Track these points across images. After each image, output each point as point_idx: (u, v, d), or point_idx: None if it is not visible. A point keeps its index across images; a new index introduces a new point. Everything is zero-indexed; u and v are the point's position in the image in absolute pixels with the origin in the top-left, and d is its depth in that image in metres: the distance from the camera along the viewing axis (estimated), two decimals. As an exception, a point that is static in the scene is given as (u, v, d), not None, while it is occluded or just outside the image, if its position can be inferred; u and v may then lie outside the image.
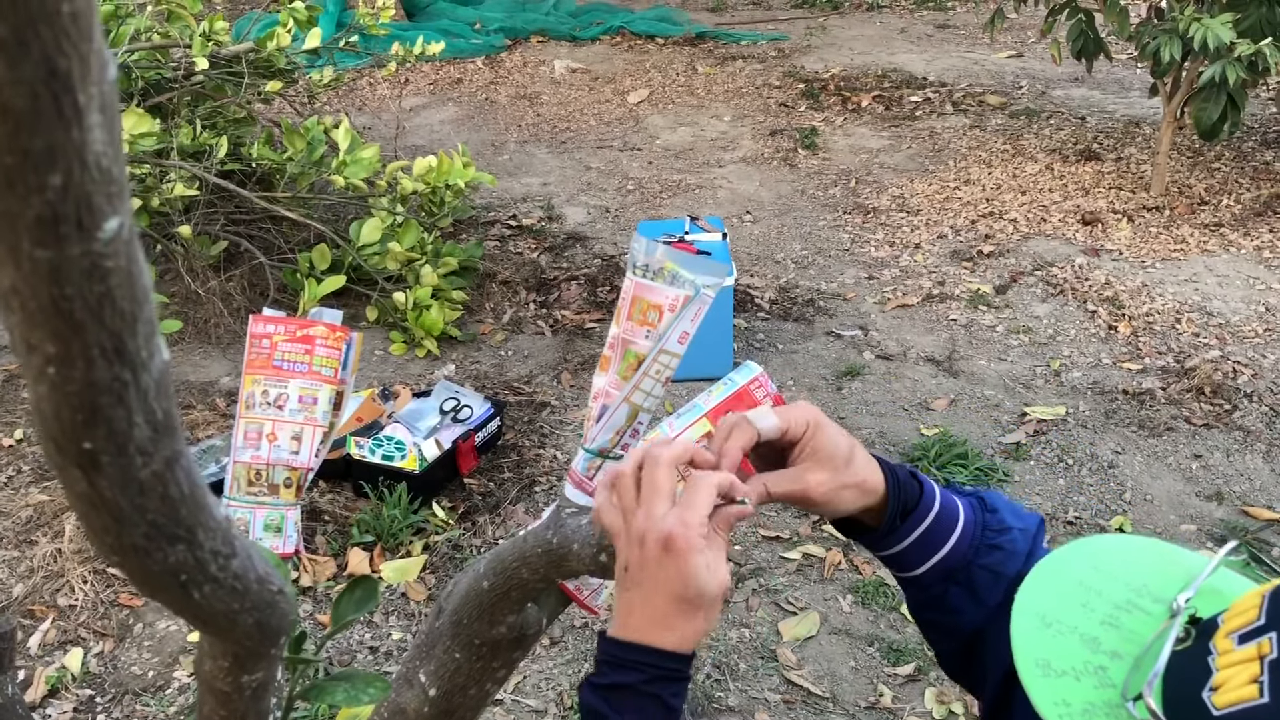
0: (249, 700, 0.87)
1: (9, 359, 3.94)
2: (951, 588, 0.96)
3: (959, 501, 0.98)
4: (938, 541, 0.96)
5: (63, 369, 0.45)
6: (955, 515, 0.97)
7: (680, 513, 0.85)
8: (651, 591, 0.85)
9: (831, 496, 0.93)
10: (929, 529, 0.96)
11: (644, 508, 0.87)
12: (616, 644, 0.86)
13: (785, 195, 5.48)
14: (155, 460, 0.52)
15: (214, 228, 4.09)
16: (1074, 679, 0.73)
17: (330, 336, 1.78)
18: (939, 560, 0.96)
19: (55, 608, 2.74)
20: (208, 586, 0.63)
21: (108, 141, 0.39)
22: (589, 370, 3.89)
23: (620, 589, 0.88)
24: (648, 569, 0.85)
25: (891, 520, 0.95)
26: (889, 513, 0.95)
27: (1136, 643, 0.73)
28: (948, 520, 0.96)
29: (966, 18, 8.67)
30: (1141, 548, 0.83)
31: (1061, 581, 0.80)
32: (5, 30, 0.33)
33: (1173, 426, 3.53)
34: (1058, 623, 0.76)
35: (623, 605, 0.88)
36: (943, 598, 0.97)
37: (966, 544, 0.96)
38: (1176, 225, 4.90)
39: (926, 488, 0.97)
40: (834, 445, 0.93)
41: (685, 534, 0.84)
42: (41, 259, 0.40)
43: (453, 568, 2.91)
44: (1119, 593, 0.78)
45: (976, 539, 0.96)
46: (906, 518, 0.96)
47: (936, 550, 0.96)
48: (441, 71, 7.50)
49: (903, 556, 0.97)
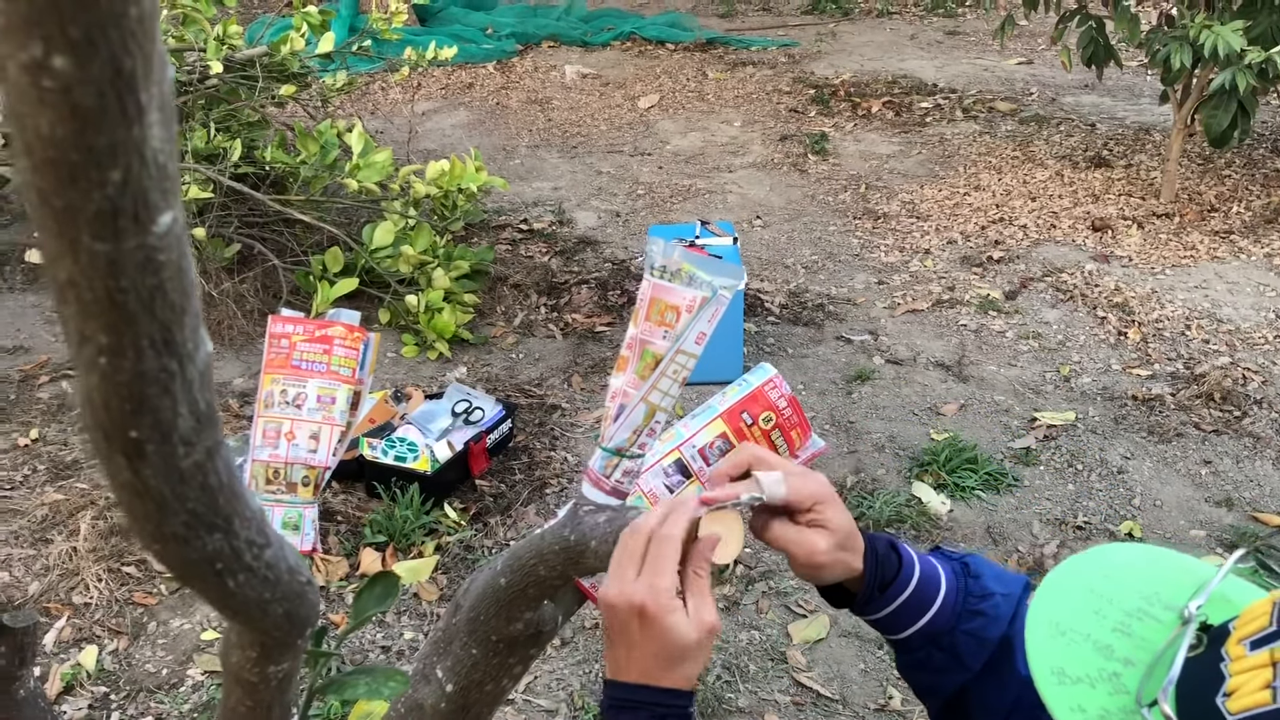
0: (275, 691, 0.88)
1: (25, 359, 3.97)
2: (936, 652, 1.00)
3: (941, 569, 1.02)
4: (919, 610, 1.00)
5: (114, 359, 0.46)
6: (936, 584, 1.00)
7: (648, 579, 0.89)
8: (639, 652, 0.89)
9: (827, 562, 0.97)
10: (908, 600, 0.99)
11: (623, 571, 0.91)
12: (622, 686, 0.90)
13: (795, 200, 5.49)
14: (197, 450, 0.54)
15: (228, 230, 4.12)
16: (1089, 686, 0.74)
17: (348, 337, 1.81)
18: (922, 626, 1.00)
19: (70, 605, 2.76)
20: (242, 575, 0.64)
21: (165, 139, 0.40)
22: (599, 373, 3.90)
23: (607, 646, 0.93)
24: (629, 635, 0.90)
25: (869, 592, 1.00)
26: (865, 586, 0.99)
27: (1149, 650, 0.74)
28: (929, 590, 1.00)
29: (977, 24, 8.68)
30: (1151, 556, 0.84)
31: (1074, 590, 0.81)
32: (77, 32, 0.34)
33: (1182, 432, 3.53)
34: (1071, 631, 0.78)
35: (614, 659, 0.92)
36: (927, 661, 1.01)
37: (949, 611, 0.99)
38: (1186, 232, 4.91)
39: (905, 559, 1.01)
40: (840, 522, 0.98)
41: (655, 599, 0.88)
42: (99, 252, 0.41)
43: (464, 568, 2.92)
44: (1130, 600, 0.79)
45: (959, 606, 1.00)
46: (885, 589, 1.00)
47: (919, 618, 1.00)
48: (453, 76, 7.53)
49: (885, 622, 1.02)
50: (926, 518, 3.13)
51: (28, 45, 0.35)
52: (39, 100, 0.36)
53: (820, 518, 0.97)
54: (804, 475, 0.99)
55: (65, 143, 0.37)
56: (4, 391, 3.76)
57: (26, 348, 4.08)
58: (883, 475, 3.33)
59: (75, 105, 0.36)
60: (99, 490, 3.11)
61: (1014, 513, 3.17)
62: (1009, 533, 3.08)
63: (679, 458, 1.32)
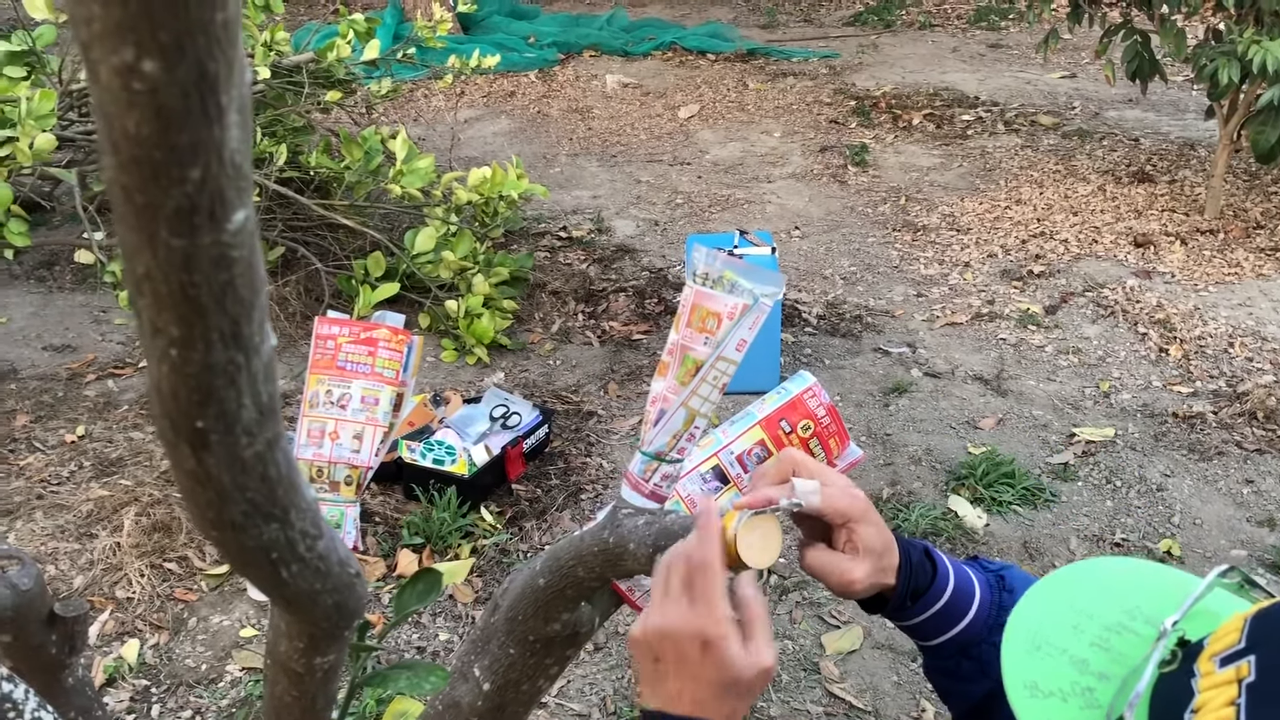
0: (320, 682, 0.90)
1: (72, 357, 4.05)
2: (964, 661, 1.00)
3: (976, 581, 1.02)
4: (951, 620, 1.00)
5: (184, 351, 0.48)
6: (970, 595, 1.01)
7: (705, 607, 0.88)
8: (696, 683, 0.87)
9: (864, 590, 0.98)
10: (941, 610, 1.00)
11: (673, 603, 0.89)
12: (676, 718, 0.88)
13: (834, 211, 5.49)
14: (258, 441, 0.55)
15: (272, 234, 4.18)
16: (1060, 700, 0.74)
17: (392, 339, 1.83)
18: (953, 636, 1.00)
19: (114, 599, 2.81)
20: (295, 566, 0.66)
21: (241, 139, 0.42)
22: (635, 381, 3.92)
23: (657, 678, 0.90)
24: (687, 663, 0.88)
25: (901, 600, 1.00)
26: (897, 595, 0.99)
27: (1125, 664, 0.74)
28: (962, 600, 1.00)
29: (1019, 37, 8.63)
30: (1140, 570, 0.84)
31: (1054, 604, 0.81)
32: (167, 37, 0.36)
33: (1224, 451, 3.49)
34: (1047, 644, 0.78)
35: (665, 692, 0.90)
36: (956, 669, 1.01)
37: (981, 623, 1.00)
38: (1231, 249, 4.85)
39: (940, 570, 1.01)
40: (875, 540, 0.98)
41: (717, 628, 0.87)
42: (176, 247, 0.43)
43: (500, 571, 2.94)
44: (1111, 615, 0.78)
45: (991, 618, 1.00)
46: (918, 598, 1.00)
47: (951, 627, 1.00)
48: (495, 84, 7.59)
49: (917, 630, 1.02)
50: (962, 531, 3.11)
51: (120, 50, 0.37)
52: (128, 101, 0.38)
53: (855, 537, 0.97)
54: (842, 490, 0.98)
55: (149, 141, 0.39)
56: (52, 389, 3.83)
57: (74, 346, 4.15)
58: (919, 488, 3.32)
59: (161, 106, 0.38)
60: (142, 487, 3.17)
61: (1051, 528, 3.15)
62: (1046, 548, 3.06)
63: (717, 464, 1.33)
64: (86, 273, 4.56)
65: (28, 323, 4.33)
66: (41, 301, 4.52)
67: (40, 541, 2.98)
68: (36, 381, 3.88)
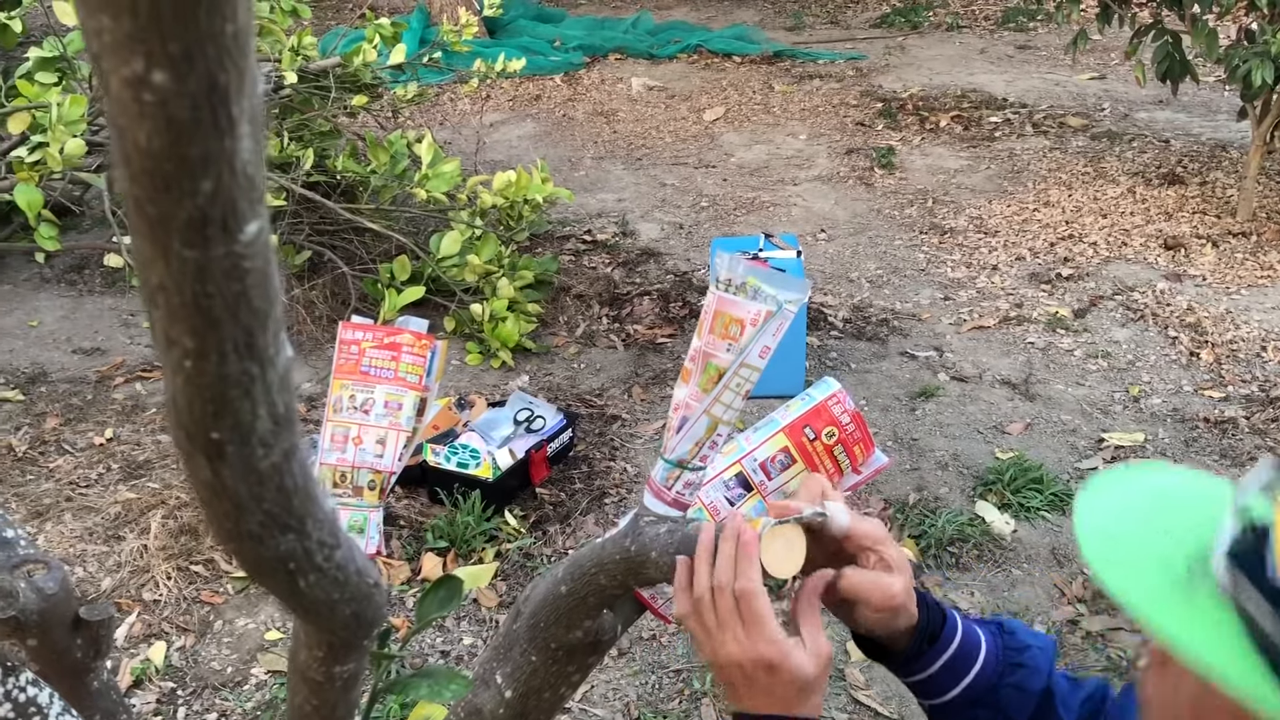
0: (340, 691, 0.90)
1: (101, 361, 4.08)
2: (980, 712, 0.99)
3: (977, 627, 1.03)
4: (964, 668, 1.00)
5: (198, 362, 0.48)
6: (977, 641, 1.01)
7: (759, 632, 0.94)
8: (771, 696, 0.94)
9: (905, 602, 0.98)
10: (954, 655, 1.00)
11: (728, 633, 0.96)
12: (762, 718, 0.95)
13: (860, 214, 5.46)
14: (275, 452, 0.55)
15: (299, 237, 4.20)
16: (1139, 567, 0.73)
17: (416, 344, 1.84)
18: (966, 685, 1.00)
19: (140, 601, 2.83)
20: (313, 575, 0.66)
21: (253, 150, 0.42)
22: (660, 385, 3.91)
23: (736, 698, 0.98)
24: (756, 684, 0.95)
25: (919, 644, 1.00)
26: (917, 635, 0.99)
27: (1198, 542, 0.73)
28: (971, 646, 1.00)
29: (1048, 38, 8.57)
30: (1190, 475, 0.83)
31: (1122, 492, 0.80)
32: (176, 48, 0.36)
33: (1256, 456, 3.44)
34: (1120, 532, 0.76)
35: (748, 706, 0.96)
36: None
37: (991, 668, 1.00)
38: (1264, 251, 4.79)
39: (949, 616, 1.01)
40: (903, 562, 0.98)
41: (776, 649, 0.93)
42: (189, 258, 0.43)
43: (524, 575, 2.94)
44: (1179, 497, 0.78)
45: (1001, 661, 1.00)
46: (934, 642, 1.00)
47: (963, 676, 1.00)
48: (521, 88, 7.61)
49: (930, 683, 1.01)
50: (990, 538, 3.08)
51: (130, 61, 0.36)
52: (139, 113, 0.38)
53: (885, 555, 0.98)
54: (864, 518, 1.00)
55: (161, 153, 0.39)
56: (81, 392, 3.87)
57: (103, 349, 4.19)
58: (946, 494, 3.29)
59: (171, 118, 0.38)
60: (170, 490, 3.19)
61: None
62: (1074, 555, 3.03)
63: (740, 471, 1.32)
64: (116, 276, 4.60)
65: (58, 326, 4.38)
66: (71, 305, 4.56)
67: (69, 544, 3.00)
68: (66, 384, 3.92)
